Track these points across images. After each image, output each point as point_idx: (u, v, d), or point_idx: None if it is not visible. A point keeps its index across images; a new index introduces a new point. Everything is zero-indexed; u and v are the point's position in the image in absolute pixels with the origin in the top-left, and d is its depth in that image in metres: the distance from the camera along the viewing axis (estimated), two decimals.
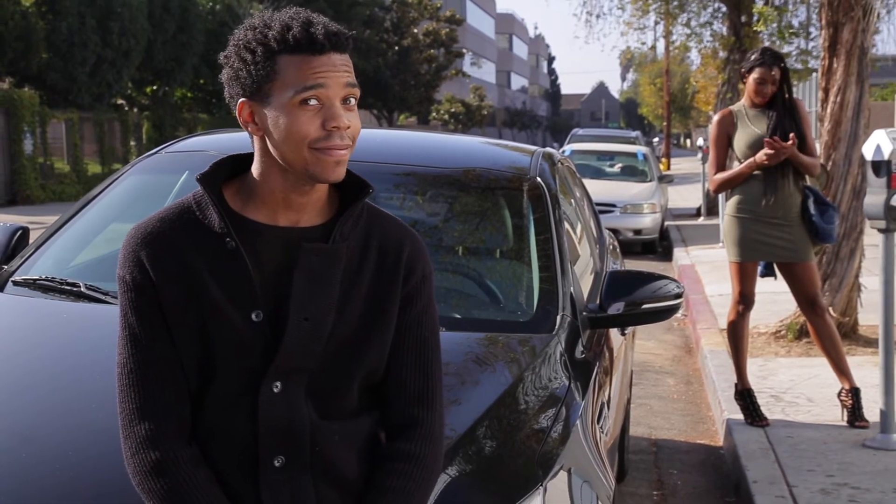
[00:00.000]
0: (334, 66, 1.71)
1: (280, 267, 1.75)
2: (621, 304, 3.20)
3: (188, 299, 1.72)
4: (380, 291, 1.81)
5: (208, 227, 1.75)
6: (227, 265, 1.73)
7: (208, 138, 3.83)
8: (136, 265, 1.73)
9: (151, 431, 1.71)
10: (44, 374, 2.52)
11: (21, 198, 22.23)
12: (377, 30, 41.66)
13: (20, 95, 22.60)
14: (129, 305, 1.74)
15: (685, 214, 19.82)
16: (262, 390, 1.72)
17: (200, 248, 1.74)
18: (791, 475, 4.67)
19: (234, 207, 1.77)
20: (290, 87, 1.69)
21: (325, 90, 1.69)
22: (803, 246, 5.29)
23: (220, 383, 1.73)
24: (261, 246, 1.75)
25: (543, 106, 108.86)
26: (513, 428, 2.46)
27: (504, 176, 3.58)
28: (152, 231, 1.75)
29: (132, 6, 25.97)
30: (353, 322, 1.78)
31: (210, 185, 1.76)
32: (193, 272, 1.72)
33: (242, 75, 1.73)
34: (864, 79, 6.99)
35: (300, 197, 1.76)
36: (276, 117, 1.70)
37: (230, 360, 1.72)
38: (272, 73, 1.70)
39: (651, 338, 8.57)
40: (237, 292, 1.72)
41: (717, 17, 18.61)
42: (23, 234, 3.41)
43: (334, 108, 1.70)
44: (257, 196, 1.77)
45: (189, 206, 1.78)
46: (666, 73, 37.41)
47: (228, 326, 1.72)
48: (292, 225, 1.77)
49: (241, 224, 1.75)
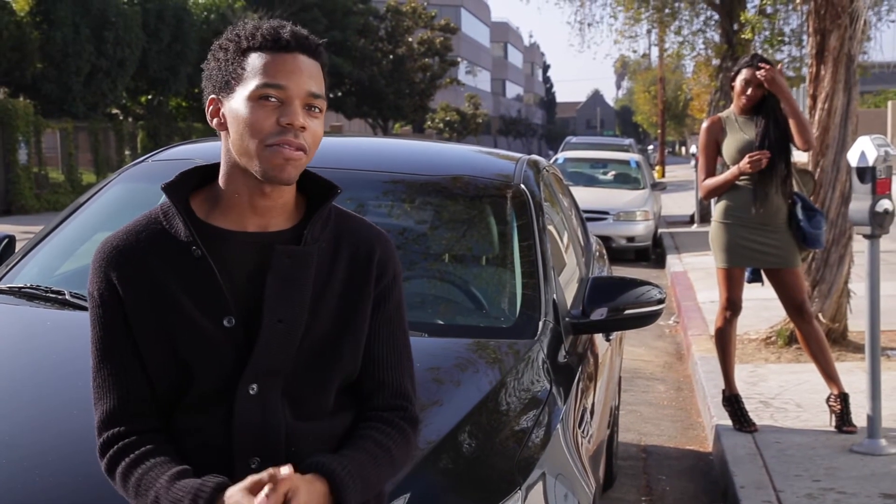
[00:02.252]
0: (298, 68, 1.74)
1: (250, 271, 1.77)
2: (604, 309, 3.23)
3: (158, 310, 1.75)
4: (352, 292, 1.83)
5: (175, 236, 1.77)
6: (195, 274, 1.75)
7: (195, 147, 3.85)
8: (103, 280, 1.77)
9: (118, 433, 1.76)
10: (27, 380, 2.54)
11: (16, 207, 22.22)
12: (372, 38, 41.71)
13: (14, 105, 22.60)
14: (97, 320, 1.78)
15: (679, 222, 19.85)
16: (238, 393, 1.74)
17: (168, 259, 1.76)
18: (778, 480, 4.69)
19: (201, 216, 1.79)
20: (252, 81, 1.73)
21: (285, 90, 1.73)
22: (790, 252, 5.32)
23: (195, 388, 1.75)
24: (229, 252, 1.77)
25: (539, 114, 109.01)
26: (493, 432, 2.48)
27: (488, 183, 3.60)
28: (118, 245, 1.78)
29: (127, 16, 26.00)
30: (327, 323, 1.80)
31: (176, 194, 1.79)
32: (162, 283, 1.75)
33: (214, 73, 1.79)
34: (851, 86, 7.02)
35: (264, 200, 1.78)
36: (236, 110, 1.74)
37: (204, 365, 1.75)
38: (240, 70, 1.75)
39: (642, 344, 8.60)
40: (207, 300, 1.75)
41: (710, 24, 18.67)
42: (9, 243, 3.43)
43: (292, 107, 1.73)
44: (224, 202, 1.79)
45: (156, 217, 1.80)
46: (660, 81, 37.48)
47: (201, 334, 1.74)
48: (261, 230, 1.79)
49: (208, 231, 1.78)
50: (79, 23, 24.72)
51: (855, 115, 7.16)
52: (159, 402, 1.78)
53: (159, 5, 27.77)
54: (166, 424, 1.79)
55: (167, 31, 28.02)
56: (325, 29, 37.63)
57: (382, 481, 1.82)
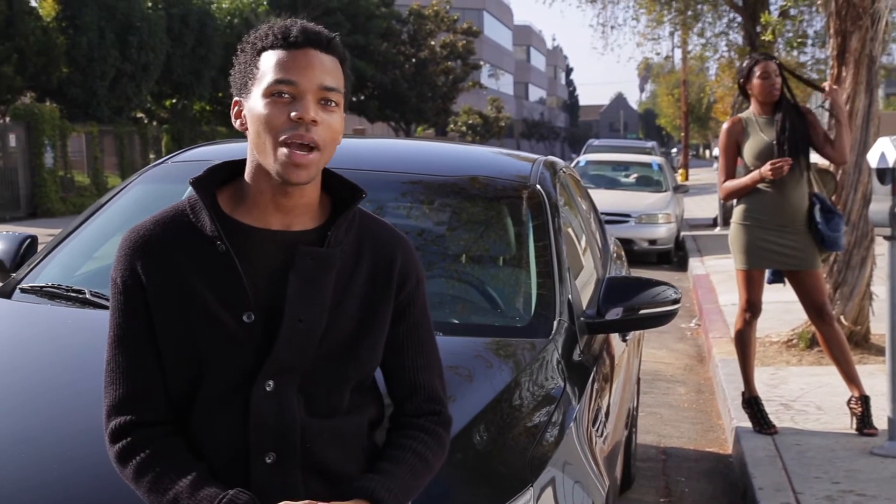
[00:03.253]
0: (309, 63, 1.76)
1: (272, 269, 1.78)
2: (619, 309, 3.23)
3: (180, 301, 1.76)
4: (373, 296, 1.85)
5: (201, 230, 1.79)
6: (219, 268, 1.77)
7: (214, 148, 3.88)
8: (127, 268, 1.78)
9: (127, 422, 1.78)
10: (47, 377, 2.57)
11: (42, 211, 22.44)
12: (394, 42, 41.80)
13: (41, 109, 22.83)
14: (117, 307, 1.80)
15: (702, 224, 19.79)
16: (255, 389, 1.76)
17: (192, 252, 1.78)
18: (797, 482, 4.68)
19: (226, 211, 1.81)
20: (265, 80, 1.76)
21: (296, 85, 1.74)
22: (810, 254, 5.30)
23: (212, 382, 1.77)
24: (252, 249, 1.79)
25: (562, 117, 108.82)
26: (506, 429, 2.49)
27: (504, 184, 3.61)
28: (145, 234, 1.80)
29: (151, 20, 26.21)
30: (346, 325, 1.82)
31: (203, 188, 1.81)
32: (185, 275, 1.76)
33: (236, 76, 1.82)
34: (873, 87, 6.99)
35: (286, 199, 1.79)
36: (252, 108, 1.77)
37: (223, 360, 1.76)
38: (255, 70, 1.78)
39: (663, 347, 8.58)
40: (229, 295, 1.76)
41: (733, 27, 18.61)
42: (31, 243, 3.47)
43: (303, 101, 1.74)
44: (249, 199, 1.81)
45: (183, 210, 1.82)
46: (683, 84, 37.34)
47: (220, 328, 1.75)
48: (285, 228, 1.81)
49: (233, 227, 1.79)
50: (104, 28, 24.95)
51: (877, 116, 7.13)
52: (175, 395, 1.80)
53: (183, 10, 27.98)
54: (182, 419, 1.80)
55: (191, 35, 28.22)
56: (347, 33, 37.78)
57: (420, 489, 1.86)
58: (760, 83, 5.30)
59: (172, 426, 1.80)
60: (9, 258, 3.40)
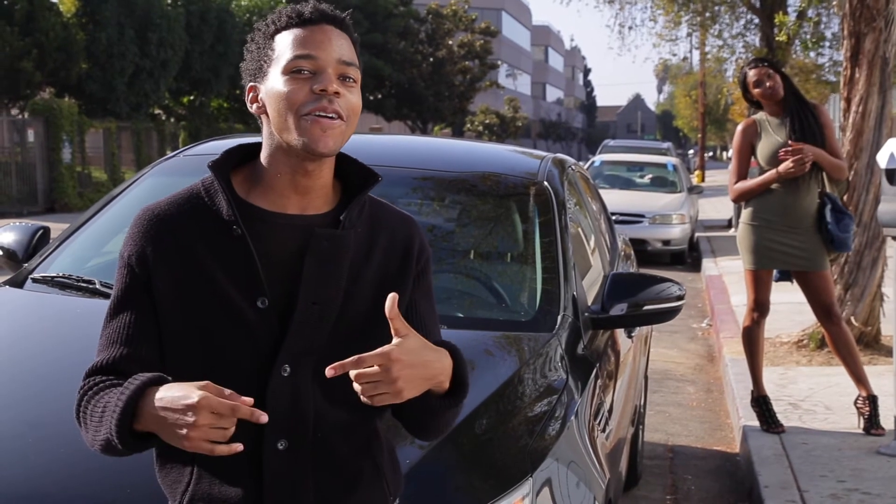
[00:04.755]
0: (327, 37, 1.78)
1: (287, 253, 1.79)
2: (624, 305, 3.27)
3: (193, 285, 1.76)
4: (388, 278, 1.86)
5: (216, 213, 1.79)
6: (233, 252, 1.77)
7: (227, 142, 3.92)
8: (137, 245, 1.78)
9: (107, 379, 1.75)
10: (56, 364, 2.63)
11: (59, 205, 22.61)
12: (412, 41, 41.86)
13: (59, 105, 22.99)
14: (120, 280, 1.80)
15: (717, 226, 19.76)
16: (272, 374, 1.76)
17: (206, 234, 1.78)
18: (803, 480, 4.69)
19: (241, 194, 1.81)
20: (283, 58, 1.77)
21: (316, 60, 1.76)
22: (817, 254, 5.31)
23: (226, 367, 1.77)
24: (267, 233, 1.79)
25: (579, 118, 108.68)
26: (507, 420, 2.53)
27: (513, 180, 3.65)
28: (160, 213, 1.79)
29: (170, 17, 26.35)
30: (361, 307, 1.83)
31: (221, 172, 1.81)
32: (197, 257, 1.77)
33: (249, 64, 1.83)
34: (886, 88, 6.99)
35: (305, 179, 1.80)
36: (272, 88, 1.77)
37: (236, 344, 1.76)
38: (270, 52, 1.79)
39: (674, 346, 8.60)
40: (243, 279, 1.76)
41: (750, 28, 18.56)
42: (43, 234, 3.53)
43: (325, 74, 1.75)
44: (264, 182, 1.81)
45: (198, 192, 1.82)
46: (701, 85, 37.24)
47: (234, 312, 1.76)
48: (300, 212, 1.82)
49: (248, 211, 1.79)
50: (123, 24, 25.10)
51: (889, 117, 7.12)
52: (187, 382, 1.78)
53: (202, 7, 28.11)
54: None
55: (210, 32, 28.34)
56: (365, 31, 37.85)
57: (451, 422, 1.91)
58: (758, 91, 5.34)
59: None
60: (21, 249, 3.46)
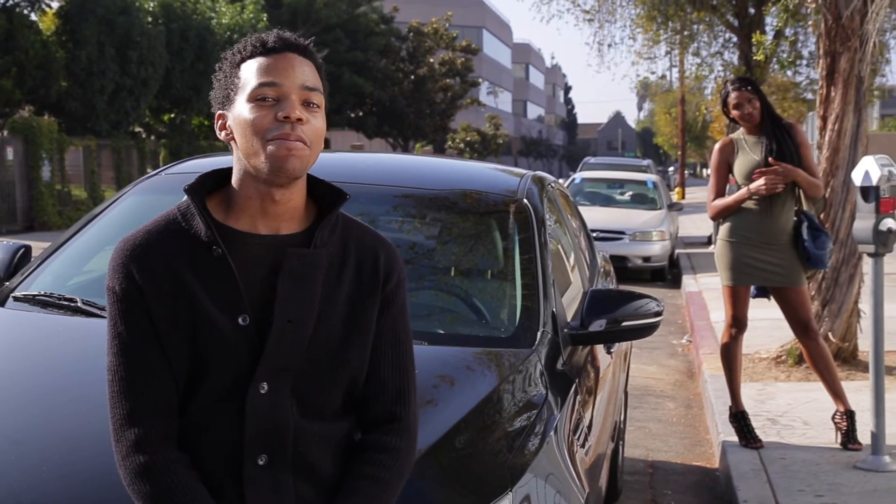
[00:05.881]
0: (290, 65, 1.83)
1: (262, 273, 1.84)
2: (602, 321, 3.29)
3: (177, 306, 1.80)
4: (359, 296, 1.90)
5: (194, 235, 1.84)
6: (214, 272, 1.82)
7: (207, 161, 3.94)
8: (125, 276, 1.82)
9: (141, 436, 1.79)
10: (39, 382, 2.63)
11: (38, 224, 22.50)
12: (393, 59, 41.96)
13: (39, 123, 22.91)
14: (118, 315, 1.82)
15: (696, 242, 19.86)
16: (250, 391, 1.80)
17: (187, 257, 1.82)
18: (781, 495, 4.73)
19: (217, 217, 1.86)
20: (248, 86, 1.83)
21: (279, 87, 1.81)
22: (794, 271, 5.37)
23: (208, 385, 1.81)
24: (243, 253, 1.84)
25: (560, 135, 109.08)
26: (486, 435, 2.55)
27: (492, 198, 3.68)
28: (140, 242, 1.84)
29: (151, 35, 26.33)
30: (335, 324, 1.87)
31: (196, 195, 1.86)
32: (181, 280, 1.81)
33: (217, 92, 1.89)
34: (861, 107, 7.08)
35: (274, 206, 1.85)
36: (238, 115, 1.83)
37: (219, 363, 1.80)
38: (236, 80, 1.85)
39: (654, 363, 8.64)
40: (224, 298, 1.81)
41: (728, 46, 18.71)
42: (25, 253, 3.53)
43: (288, 101, 1.81)
44: (237, 205, 1.87)
45: (174, 218, 1.87)
46: (680, 103, 37.51)
47: (217, 331, 1.80)
48: (273, 233, 1.87)
49: (225, 232, 1.85)
50: (104, 42, 25.06)
51: (865, 136, 7.21)
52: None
53: (183, 25, 28.10)
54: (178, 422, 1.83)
55: (190, 50, 28.33)
56: (347, 49, 37.92)
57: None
58: (737, 113, 5.41)
59: (186, 454, 1.81)
60: (2, 267, 3.46)
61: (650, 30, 19.03)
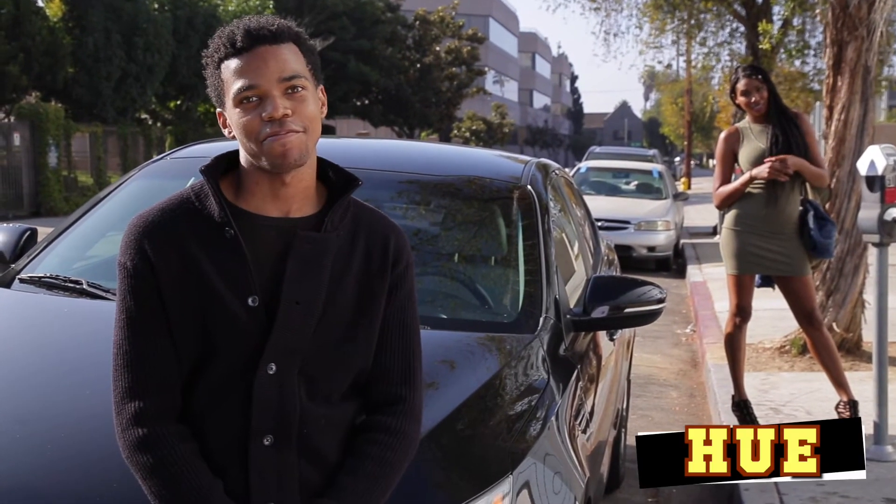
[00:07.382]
0: (263, 61, 1.82)
1: (273, 254, 1.85)
2: (605, 307, 3.30)
3: (188, 285, 1.82)
4: (368, 279, 1.92)
5: (208, 216, 1.85)
6: (226, 253, 1.83)
7: (213, 145, 3.95)
8: (137, 252, 1.83)
9: (140, 409, 1.81)
10: (43, 363, 2.65)
11: (45, 209, 22.55)
12: (399, 47, 41.92)
13: (45, 109, 22.94)
14: (128, 290, 1.84)
15: (702, 232, 19.84)
16: (258, 372, 1.81)
17: (200, 237, 1.84)
18: (782, 484, 4.73)
19: (230, 198, 1.88)
20: (231, 89, 1.84)
21: (257, 87, 1.81)
22: (799, 260, 5.37)
23: (217, 365, 1.82)
24: (254, 235, 1.86)
25: (566, 125, 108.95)
26: (488, 419, 2.56)
27: (496, 184, 3.69)
28: (153, 220, 1.85)
29: (157, 22, 26.34)
30: (344, 307, 1.88)
31: (211, 176, 1.88)
32: (193, 260, 1.82)
33: (210, 91, 1.91)
34: (868, 97, 7.06)
35: (284, 187, 1.87)
36: (231, 118, 1.86)
37: (228, 343, 1.82)
38: (220, 82, 1.87)
39: (658, 352, 8.65)
40: (235, 279, 1.82)
41: (735, 36, 18.66)
42: (31, 235, 3.55)
43: (269, 100, 1.81)
44: (248, 187, 1.88)
45: (188, 198, 1.88)
46: (687, 93, 37.42)
47: (227, 311, 1.81)
48: (283, 215, 1.88)
49: (237, 214, 1.86)
50: (110, 29, 25.07)
51: (871, 126, 7.19)
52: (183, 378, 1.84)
53: (189, 12, 28.10)
54: (185, 403, 1.84)
55: (197, 37, 28.33)
56: (353, 37, 37.88)
57: (388, 490, 1.90)
58: (744, 101, 5.40)
59: (185, 426, 1.83)
60: (9, 249, 3.48)
61: (657, 19, 18.98)
